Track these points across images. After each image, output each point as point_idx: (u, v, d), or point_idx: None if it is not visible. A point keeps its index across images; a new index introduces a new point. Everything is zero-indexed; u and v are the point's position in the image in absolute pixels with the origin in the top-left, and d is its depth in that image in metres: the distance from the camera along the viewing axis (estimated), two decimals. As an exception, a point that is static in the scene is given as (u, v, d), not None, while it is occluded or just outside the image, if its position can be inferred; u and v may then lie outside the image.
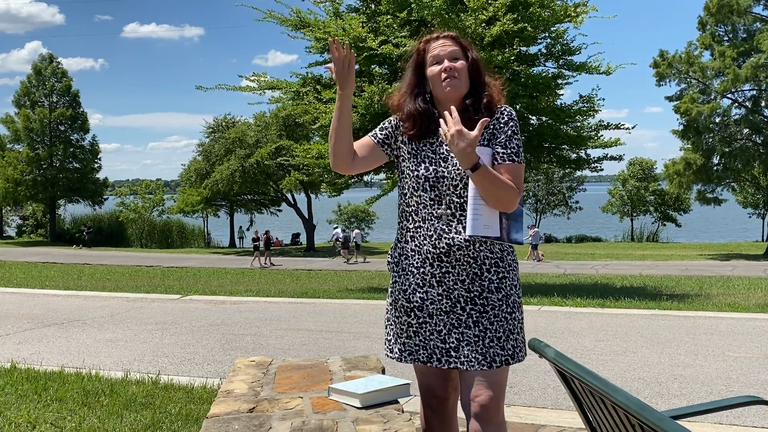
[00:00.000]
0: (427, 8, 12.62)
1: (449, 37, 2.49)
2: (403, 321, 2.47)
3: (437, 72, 2.42)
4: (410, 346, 2.45)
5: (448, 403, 2.57)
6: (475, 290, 2.37)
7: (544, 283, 16.86)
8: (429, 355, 2.40)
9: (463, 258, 2.36)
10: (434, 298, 2.40)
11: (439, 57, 2.44)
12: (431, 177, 2.40)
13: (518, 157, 2.40)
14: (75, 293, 11.99)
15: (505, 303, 2.37)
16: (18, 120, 47.46)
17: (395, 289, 2.51)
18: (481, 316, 2.35)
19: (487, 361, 2.32)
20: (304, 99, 14.42)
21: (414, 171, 2.44)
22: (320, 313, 9.14)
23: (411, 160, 2.47)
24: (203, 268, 26.35)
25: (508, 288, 2.39)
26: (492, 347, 2.33)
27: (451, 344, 2.36)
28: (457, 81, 2.41)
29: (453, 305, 2.37)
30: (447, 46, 2.45)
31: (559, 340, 6.91)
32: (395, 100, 2.57)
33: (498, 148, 2.39)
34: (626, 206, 59.65)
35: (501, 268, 2.40)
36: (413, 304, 2.43)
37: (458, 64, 2.42)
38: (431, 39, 2.50)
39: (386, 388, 2.57)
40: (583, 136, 14.55)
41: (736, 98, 32.83)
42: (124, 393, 4.74)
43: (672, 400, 4.83)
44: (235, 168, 39.80)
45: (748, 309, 9.33)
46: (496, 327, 2.34)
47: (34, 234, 54.82)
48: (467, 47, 2.49)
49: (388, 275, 2.58)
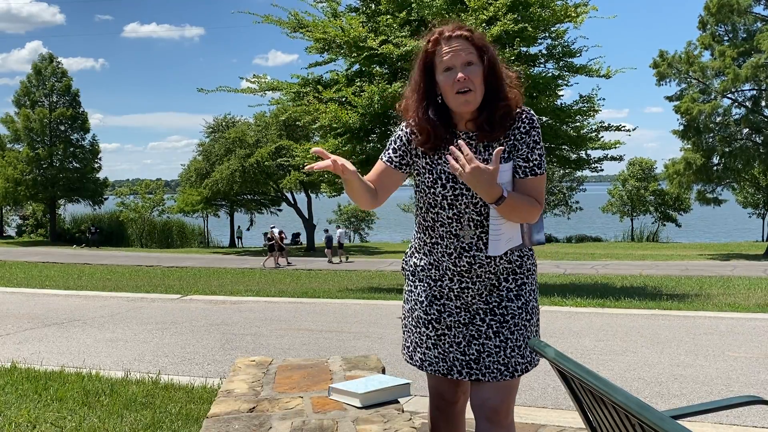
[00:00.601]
0: (427, 8, 12.63)
1: (462, 37, 2.23)
2: (421, 332, 2.41)
3: (449, 83, 2.20)
4: (430, 356, 2.39)
5: (456, 406, 2.55)
6: (494, 301, 2.32)
7: (544, 283, 16.86)
8: (449, 368, 2.35)
9: (484, 274, 2.30)
10: (452, 310, 2.34)
11: (450, 63, 2.21)
12: (449, 195, 2.27)
13: (540, 169, 2.27)
14: (75, 293, 11.99)
15: (524, 311, 2.33)
16: (18, 120, 47.49)
17: (411, 297, 2.46)
18: (501, 326, 2.30)
19: (509, 371, 2.29)
20: (304, 99, 14.43)
21: (431, 188, 2.30)
22: (320, 313, 9.14)
23: (427, 176, 2.32)
24: (203, 268, 26.36)
25: (527, 294, 2.35)
26: (513, 357, 2.29)
27: (472, 356, 2.31)
28: (471, 95, 2.19)
29: (472, 317, 2.32)
30: (460, 51, 2.21)
31: (559, 340, 6.91)
32: (407, 107, 2.37)
33: (519, 162, 2.25)
34: (626, 206, 59.64)
35: (519, 275, 2.34)
36: (431, 316, 2.38)
37: (473, 74, 2.19)
38: (441, 39, 2.25)
39: (386, 388, 2.57)
40: (583, 137, 14.57)
41: (736, 98, 32.82)
42: (124, 393, 4.74)
43: (672, 399, 4.83)
44: (235, 168, 39.81)
45: (748, 309, 9.33)
46: (516, 336, 2.30)
47: (34, 234, 54.81)
48: (483, 47, 2.25)
49: (390, 276, 2.56)
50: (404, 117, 2.40)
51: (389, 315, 8.74)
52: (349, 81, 14.28)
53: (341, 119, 13.16)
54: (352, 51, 13.69)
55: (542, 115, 14.25)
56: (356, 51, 13.60)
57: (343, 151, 13.77)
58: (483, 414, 2.30)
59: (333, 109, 13.24)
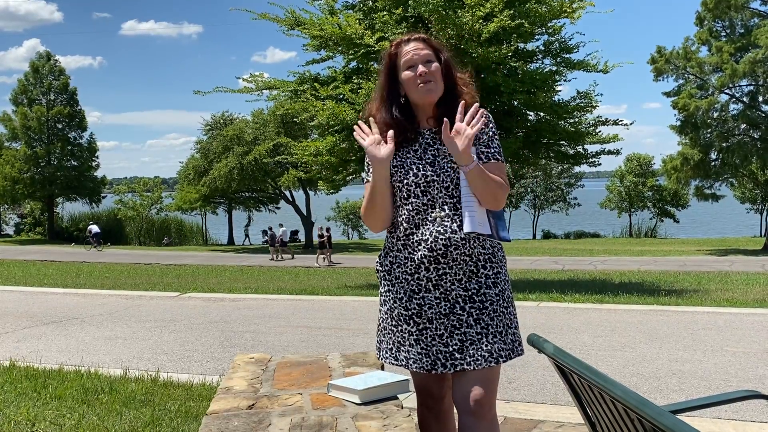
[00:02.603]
0: (423, 5, 12.61)
1: (420, 39, 2.48)
2: (402, 329, 2.43)
3: (412, 77, 2.41)
4: (414, 354, 2.41)
5: (444, 402, 2.56)
6: (473, 288, 2.36)
7: (542, 279, 16.88)
8: (433, 362, 2.37)
9: (459, 257, 2.36)
10: (432, 302, 2.38)
11: (412, 61, 2.42)
12: (422, 183, 2.39)
13: (501, 156, 2.45)
14: (73, 291, 11.99)
15: (501, 298, 2.39)
16: (15, 118, 47.45)
17: (389, 297, 2.49)
18: (481, 313, 2.35)
19: (493, 357, 2.32)
20: (301, 97, 14.42)
21: (403, 179, 2.42)
22: (319, 310, 9.14)
23: (398, 170, 2.44)
24: (202, 266, 26.35)
25: (502, 283, 2.42)
26: (495, 343, 2.33)
27: (455, 346, 2.34)
28: (432, 84, 2.40)
29: (452, 306, 2.36)
30: (419, 50, 2.44)
31: (557, 336, 6.92)
32: (373, 110, 2.54)
33: (482, 148, 2.42)
34: (624, 202, 59.71)
35: (494, 263, 2.41)
36: (411, 311, 2.40)
37: (433, 68, 2.41)
38: (402, 42, 2.49)
39: (385, 385, 2.58)
40: (581, 132, 14.56)
41: (733, 93, 32.82)
42: (123, 390, 4.75)
43: (671, 395, 4.84)
44: (233, 165, 39.80)
45: (746, 304, 9.34)
46: (496, 322, 2.35)
47: (32, 232, 54.78)
48: (439, 49, 2.48)
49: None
50: (367, 117, 2.55)
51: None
52: (346, 78, 14.27)
53: (339, 116, 13.15)
54: (349, 48, 13.67)
55: (540, 111, 14.25)
56: (353, 48, 13.58)
57: (340, 149, 13.77)
58: (466, 408, 2.32)
59: (330, 106, 13.23)
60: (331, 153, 13.97)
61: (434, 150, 2.43)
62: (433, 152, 2.42)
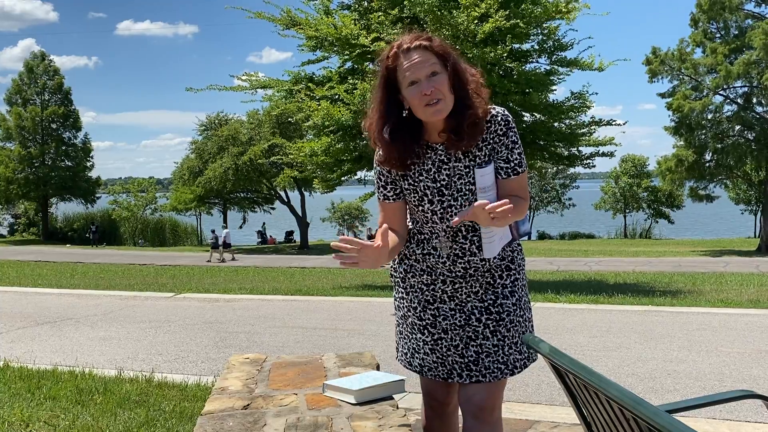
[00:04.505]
0: (419, 5, 12.61)
1: (421, 47, 2.16)
2: (417, 338, 2.39)
3: (417, 97, 2.13)
4: (429, 362, 2.37)
5: (449, 407, 2.55)
6: (489, 299, 2.31)
7: (537, 279, 16.89)
8: (449, 372, 2.33)
9: (477, 273, 2.31)
10: (446, 313, 2.33)
11: (415, 77, 2.13)
12: (438, 210, 2.27)
13: (521, 167, 2.28)
14: (68, 291, 11.95)
15: (518, 307, 2.33)
16: (9, 118, 47.33)
17: (402, 305, 2.44)
18: (498, 324, 2.30)
19: (509, 368, 2.29)
20: (296, 97, 14.40)
21: (419, 206, 2.30)
22: (314, 311, 9.13)
23: (412, 195, 2.30)
24: (196, 266, 26.30)
25: (519, 291, 2.35)
26: (511, 354, 2.30)
27: (470, 357, 2.30)
28: (441, 104, 2.13)
29: (467, 318, 2.31)
30: (422, 63, 2.14)
31: (553, 337, 6.93)
32: (370, 128, 2.31)
33: (501, 163, 2.25)
34: (619, 203, 59.85)
35: (512, 271, 2.35)
36: (425, 321, 2.36)
37: (439, 83, 2.13)
38: (399, 53, 2.18)
39: (381, 385, 2.58)
40: (576, 133, 14.57)
41: (728, 95, 32.92)
42: (117, 391, 4.73)
43: (665, 395, 4.85)
44: (228, 166, 39.73)
45: (741, 305, 9.36)
46: (512, 333, 2.31)
47: (26, 232, 54.64)
48: (444, 53, 2.18)
49: (383, 273, 2.56)
50: (369, 137, 2.33)
51: (383, 312, 8.74)
52: (341, 78, 14.26)
53: (334, 117, 13.14)
54: (345, 48, 13.67)
55: (535, 111, 14.25)
56: (348, 48, 13.57)
57: (336, 149, 13.75)
58: (470, 410, 2.30)
59: (325, 106, 13.22)
60: (326, 153, 13.96)
61: (449, 169, 2.25)
62: (448, 172, 2.25)
